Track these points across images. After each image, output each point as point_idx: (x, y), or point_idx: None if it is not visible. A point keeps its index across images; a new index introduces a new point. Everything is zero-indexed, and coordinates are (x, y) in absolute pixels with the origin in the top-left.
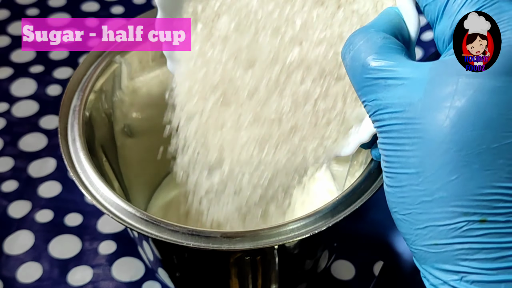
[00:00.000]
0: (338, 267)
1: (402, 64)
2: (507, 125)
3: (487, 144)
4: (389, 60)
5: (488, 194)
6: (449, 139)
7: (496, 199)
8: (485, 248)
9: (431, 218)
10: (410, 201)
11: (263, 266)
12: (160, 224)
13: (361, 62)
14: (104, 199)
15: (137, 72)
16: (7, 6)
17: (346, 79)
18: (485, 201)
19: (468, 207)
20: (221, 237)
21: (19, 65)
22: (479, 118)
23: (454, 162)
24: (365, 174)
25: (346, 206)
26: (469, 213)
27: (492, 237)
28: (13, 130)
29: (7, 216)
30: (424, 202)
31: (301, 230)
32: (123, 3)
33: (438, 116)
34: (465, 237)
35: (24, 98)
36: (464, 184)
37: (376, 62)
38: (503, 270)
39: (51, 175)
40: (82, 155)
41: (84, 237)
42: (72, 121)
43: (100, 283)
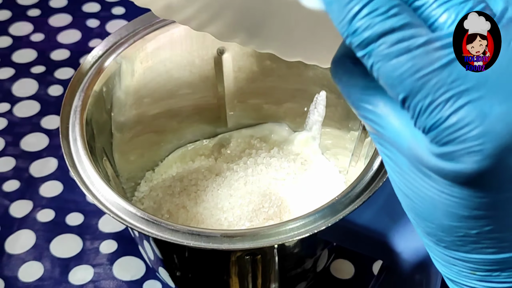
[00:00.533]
0: (337, 266)
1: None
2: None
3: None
4: (375, 110)
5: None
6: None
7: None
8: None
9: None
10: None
11: (263, 265)
12: (160, 224)
13: (349, 101)
14: (105, 199)
15: (138, 72)
16: (9, 6)
17: None
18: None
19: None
20: (221, 237)
21: (20, 66)
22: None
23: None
24: (365, 173)
25: (346, 205)
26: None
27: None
28: (15, 130)
29: (8, 215)
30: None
31: (301, 230)
32: (124, 4)
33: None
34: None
35: (25, 99)
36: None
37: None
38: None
39: (53, 175)
40: (83, 155)
41: (85, 236)
42: (73, 121)
43: (101, 282)
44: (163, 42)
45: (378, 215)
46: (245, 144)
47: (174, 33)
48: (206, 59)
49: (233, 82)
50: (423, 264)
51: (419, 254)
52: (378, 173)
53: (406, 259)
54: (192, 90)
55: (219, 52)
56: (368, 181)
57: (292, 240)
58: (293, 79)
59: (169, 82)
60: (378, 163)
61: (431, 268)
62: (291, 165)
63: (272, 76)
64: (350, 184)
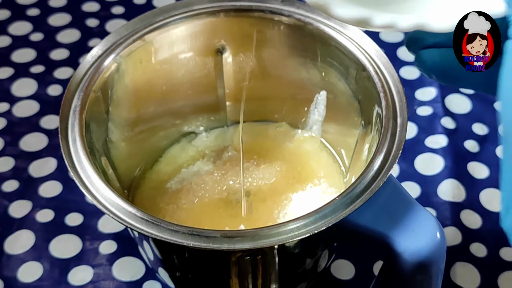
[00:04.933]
0: (338, 267)
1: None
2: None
3: None
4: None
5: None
6: None
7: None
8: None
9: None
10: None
11: (263, 265)
12: (160, 224)
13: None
14: (104, 199)
15: (137, 72)
16: (8, 6)
17: None
18: None
19: None
20: (221, 237)
21: (19, 65)
22: None
23: None
24: (365, 173)
25: (346, 206)
26: None
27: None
28: (14, 130)
29: (7, 216)
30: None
31: (301, 230)
32: (123, 4)
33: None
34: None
35: (24, 98)
36: None
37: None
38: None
39: (52, 175)
40: (83, 155)
41: (85, 237)
42: (72, 121)
43: (101, 283)
44: (163, 42)
45: (378, 215)
46: (245, 143)
47: (174, 33)
48: (206, 59)
49: (233, 82)
50: (424, 265)
51: (420, 255)
52: (379, 173)
53: (406, 260)
54: (192, 90)
55: (219, 52)
56: (369, 181)
57: (293, 240)
58: (293, 79)
59: (168, 82)
60: (378, 163)
61: (432, 268)
62: (291, 165)
63: (272, 76)
64: (351, 184)
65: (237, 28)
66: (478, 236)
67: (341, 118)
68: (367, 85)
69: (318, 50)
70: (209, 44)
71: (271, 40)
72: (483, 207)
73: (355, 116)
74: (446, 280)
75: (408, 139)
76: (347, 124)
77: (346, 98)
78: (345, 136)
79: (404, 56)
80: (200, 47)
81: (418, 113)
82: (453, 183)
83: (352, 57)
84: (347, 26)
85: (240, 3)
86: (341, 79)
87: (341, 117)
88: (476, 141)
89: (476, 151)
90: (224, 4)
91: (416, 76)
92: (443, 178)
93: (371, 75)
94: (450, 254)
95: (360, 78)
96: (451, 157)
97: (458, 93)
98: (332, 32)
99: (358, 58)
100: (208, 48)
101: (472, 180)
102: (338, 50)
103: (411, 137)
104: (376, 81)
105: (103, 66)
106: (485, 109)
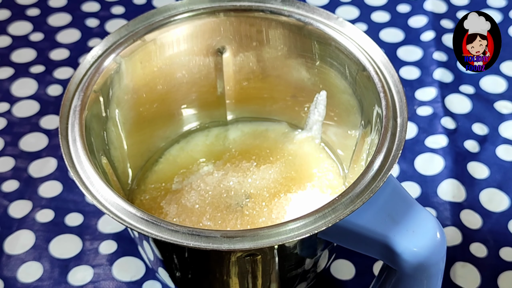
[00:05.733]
0: (338, 267)
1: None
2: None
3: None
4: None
5: None
6: None
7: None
8: None
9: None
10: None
11: (263, 265)
12: (160, 224)
13: None
14: (104, 199)
15: (137, 71)
16: (8, 6)
17: None
18: None
19: None
20: (221, 237)
21: (19, 65)
22: None
23: None
24: (365, 173)
25: (346, 206)
26: None
27: None
28: (14, 130)
29: (7, 216)
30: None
31: (301, 230)
32: (123, 4)
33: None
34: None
35: (24, 98)
36: None
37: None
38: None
39: (52, 175)
40: (83, 155)
41: (85, 237)
42: (72, 121)
43: (101, 283)
44: (163, 42)
45: (378, 215)
46: (245, 144)
47: (174, 33)
48: (206, 59)
49: (233, 82)
50: (424, 265)
51: (420, 255)
52: (379, 173)
53: (406, 260)
54: (192, 90)
55: (219, 52)
56: (369, 181)
57: (293, 240)
58: (293, 79)
59: (168, 82)
60: (378, 163)
61: (432, 268)
62: (291, 165)
63: (272, 76)
64: (351, 184)
65: (237, 28)
66: (478, 236)
67: (341, 118)
68: (367, 85)
69: (318, 50)
70: (209, 44)
71: (271, 40)
72: (483, 207)
73: (355, 116)
74: (446, 280)
75: (408, 139)
76: (347, 124)
77: (346, 98)
78: (345, 136)
79: (404, 56)
80: (200, 47)
81: (418, 113)
82: (453, 183)
83: (352, 57)
84: (347, 26)
85: (240, 3)
86: (341, 79)
87: (341, 117)
88: (476, 141)
89: (476, 151)
90: (224, 4)
91: (416, 76)
92: (443, 178)
93: (371, 75)
94: (450, 254)
95: (360, 78)
96: (451, 157)
97: (458, 93)
98: (332, 32)
99: (358, 58)
100: (208, 48)
101: (472, 180)
102: (338, 50)
103: (411, 137)
104: (376, 81)
105: (103, 66)
106: (485, 109)
